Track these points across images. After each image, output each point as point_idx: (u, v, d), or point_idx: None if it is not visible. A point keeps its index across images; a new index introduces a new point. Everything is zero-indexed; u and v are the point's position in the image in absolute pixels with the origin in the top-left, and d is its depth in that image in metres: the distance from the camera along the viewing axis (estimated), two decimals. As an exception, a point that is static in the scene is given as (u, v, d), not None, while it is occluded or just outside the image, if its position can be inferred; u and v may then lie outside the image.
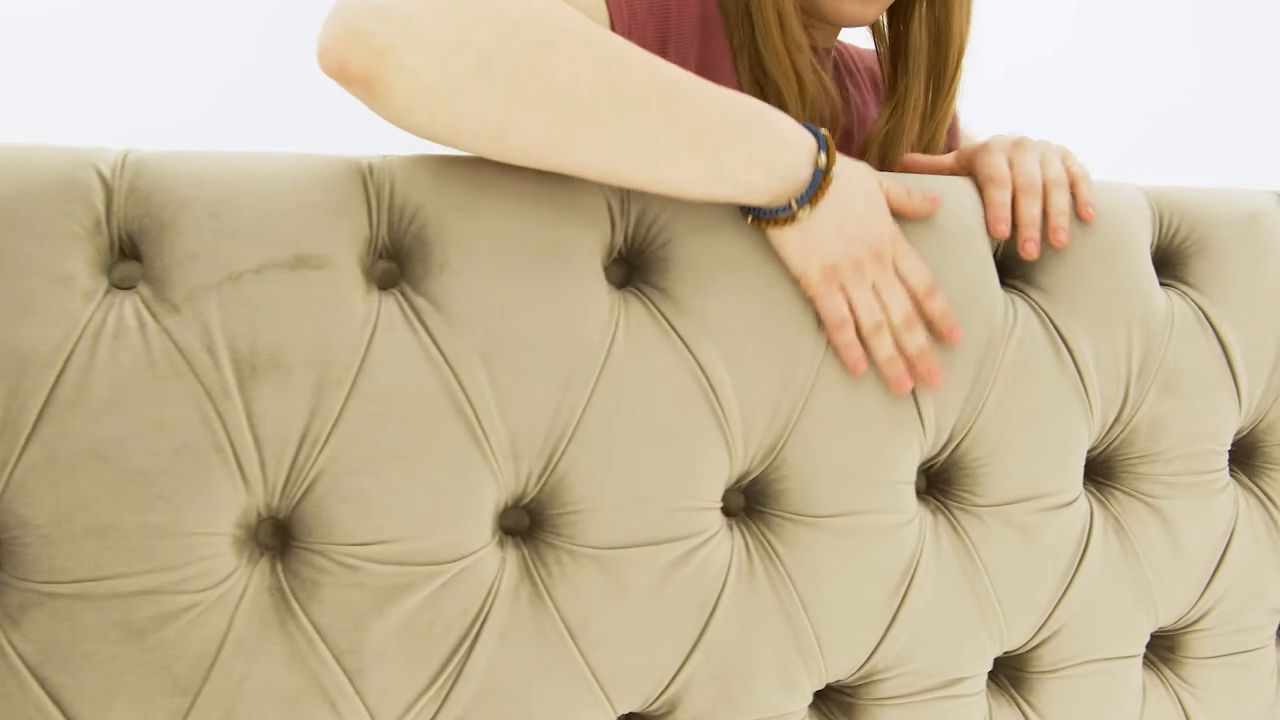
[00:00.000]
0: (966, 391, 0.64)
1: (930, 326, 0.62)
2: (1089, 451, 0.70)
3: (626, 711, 0.60)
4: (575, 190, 0.58)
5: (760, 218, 0.59)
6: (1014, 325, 0.66)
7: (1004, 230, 0.65)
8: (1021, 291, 0.68)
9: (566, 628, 0.57)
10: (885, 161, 0.84)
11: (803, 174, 0.58)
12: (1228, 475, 0.73)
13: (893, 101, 0.83)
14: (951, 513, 0.65)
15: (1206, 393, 0.71)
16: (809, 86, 0.77)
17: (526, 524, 0.58)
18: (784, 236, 0.59)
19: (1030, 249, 0.66)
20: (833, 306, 0.60)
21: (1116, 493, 0.70)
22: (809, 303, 0.61)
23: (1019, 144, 0.71)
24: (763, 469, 0.61)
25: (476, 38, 0.50)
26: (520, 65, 0.51)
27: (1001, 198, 0.66)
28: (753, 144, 0.56)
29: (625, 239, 0.60)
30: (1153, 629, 0.73)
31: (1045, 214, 0.67)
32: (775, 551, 0.61)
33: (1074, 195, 0.68)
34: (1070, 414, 0.67)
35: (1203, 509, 0.71)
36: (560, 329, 0.56)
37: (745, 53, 0.77)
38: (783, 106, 0.76)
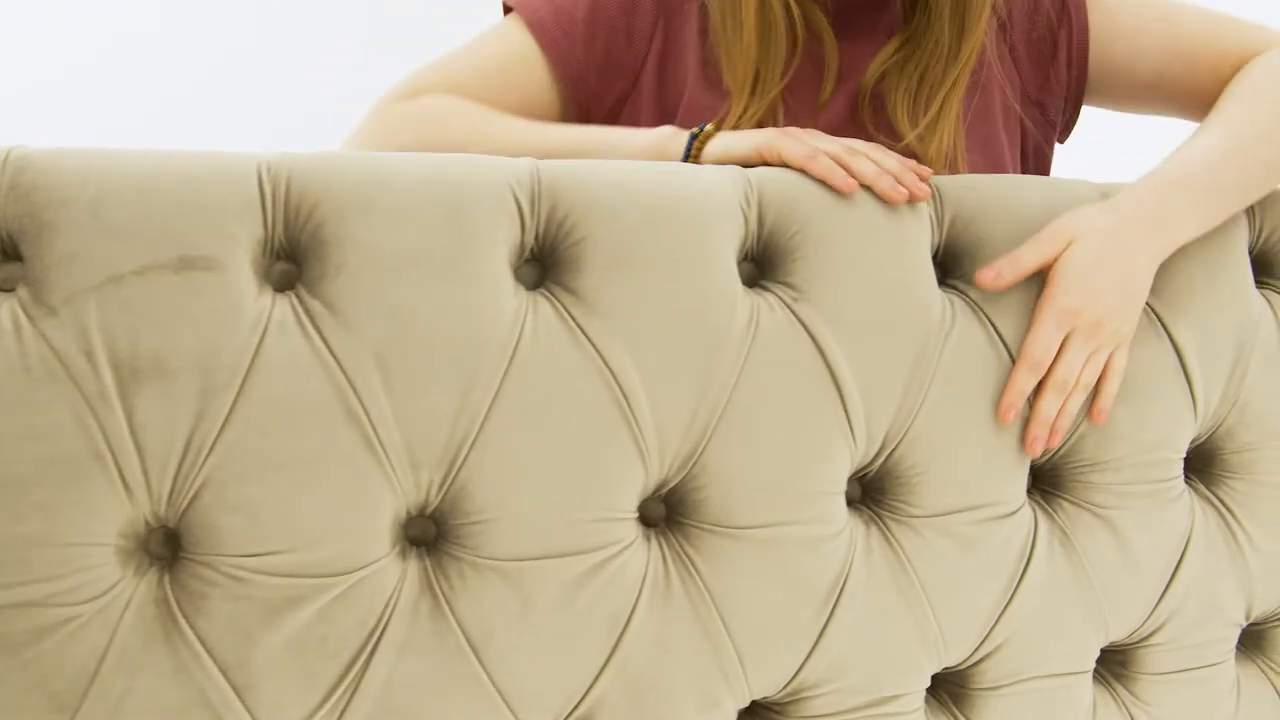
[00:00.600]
0: (900, 396, 0.62)
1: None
2: (1035, 460, 0.67)
3: (534, 729, 0.57)
4: (483, 186, 0.56)
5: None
6: (951, 327, 0.63)
7: (1010, 418, 0.63)
8: (961, 292, 0.65)
9: (469, 643, 0.55)
10: (887, 107, 0.76)
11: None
12: (1183, 484, 0.70)
13: (904, 35, 0.76)
14: (885, 524, 0.63)
15: (1159, 398, 0.68)
16: (775, 25, 0.73)
17: (433, 534, 0.56)
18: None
19: (1034, 448, 0.64)
20: (796, 146, 0.62)
21: (1064, 503, 0.68)
22: (732, 303, 0.58)
23: (1085, 329, 0.63)
24: (680, 478, 0.59)
25: None
26: None
27: (1025, 384, 0.63)
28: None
29: (536, 237, 0.57)
30: (1103, 644, 0.70)
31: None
32: (693, 564, 0.58)
33: (1097, 391, 0.65)
34: (1003, 429, 0.64)
35: (1155, 519, 0.69)
36: (462, 331, 0.54)
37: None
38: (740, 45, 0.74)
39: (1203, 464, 0.73)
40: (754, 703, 0.62)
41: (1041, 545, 0.66)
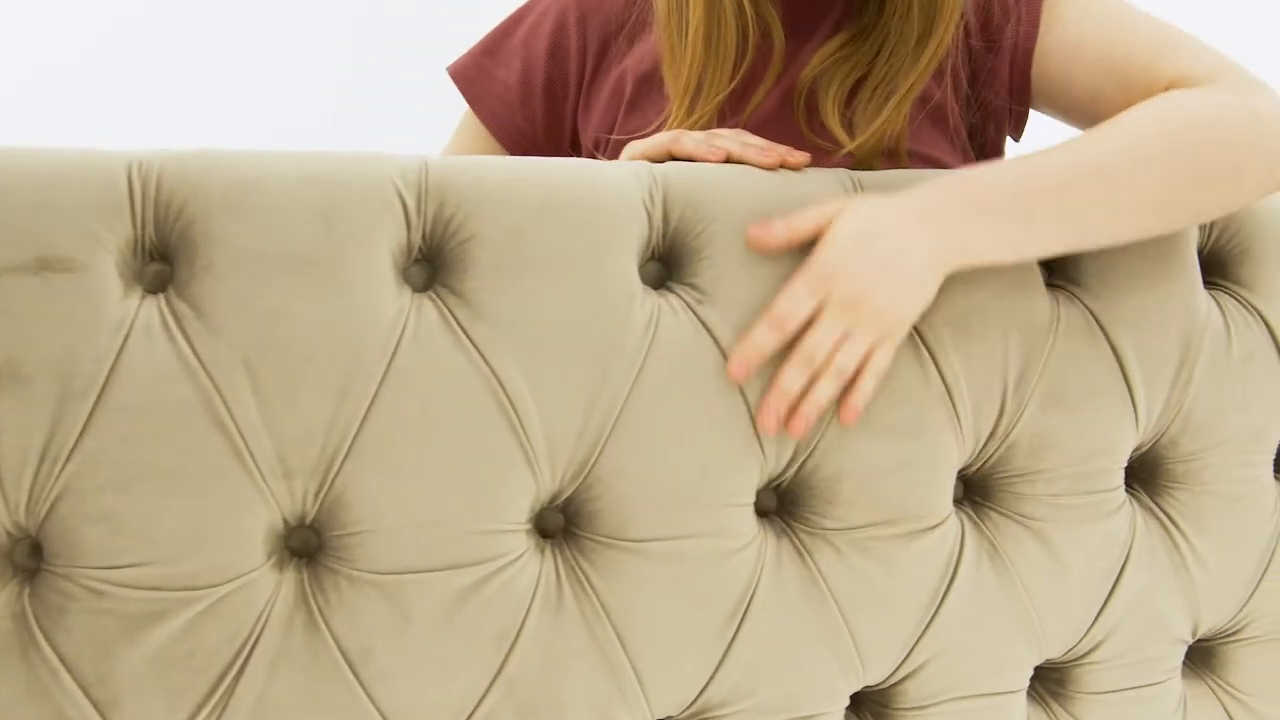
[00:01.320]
0: (811, 404, 0.59)
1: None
2: (963, 469, 0.64)
3: (422, 749, 0.55)
4: (363, 184, 0.53)
5: None
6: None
7: (740, 375, 0.56)
8: (882, 295, 0.62)
9: (346, 659, 0.52)
10: (822, 108, 0.72)
11: None
12: (1124, 495, 0.67)
13: (850, 32, 0.71)
14: (797, 536, 0.60)
15: (1096, 405, 0.65)
16: (725, 26, 0.70)
17: (315, 545, 0.54)
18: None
19: (767, 421, 0.56)
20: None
21: (993, 514, 0.65)
22: (629, 305, 0.56)
23: (842, 301, 0.56)
24: (574, 489, 0.56)
25: None
26: None
27: (762, 339, 0.56)
28: None
29: (423, 237, 0.55)
30: (1037, 662, 0.67)
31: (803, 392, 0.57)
32: (588, 578, 0.56)
33: (850, 385, 0.58)
34: (936, 428, 0.61)
35: (1092, 532, 0.65)
36: (335, 336, 0.52)
37: None
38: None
39: (1146, 474, 0.69)
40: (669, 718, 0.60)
41: (968, 559, 0.63)
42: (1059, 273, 0.67)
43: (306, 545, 0.54)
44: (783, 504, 0.62)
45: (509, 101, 0.79)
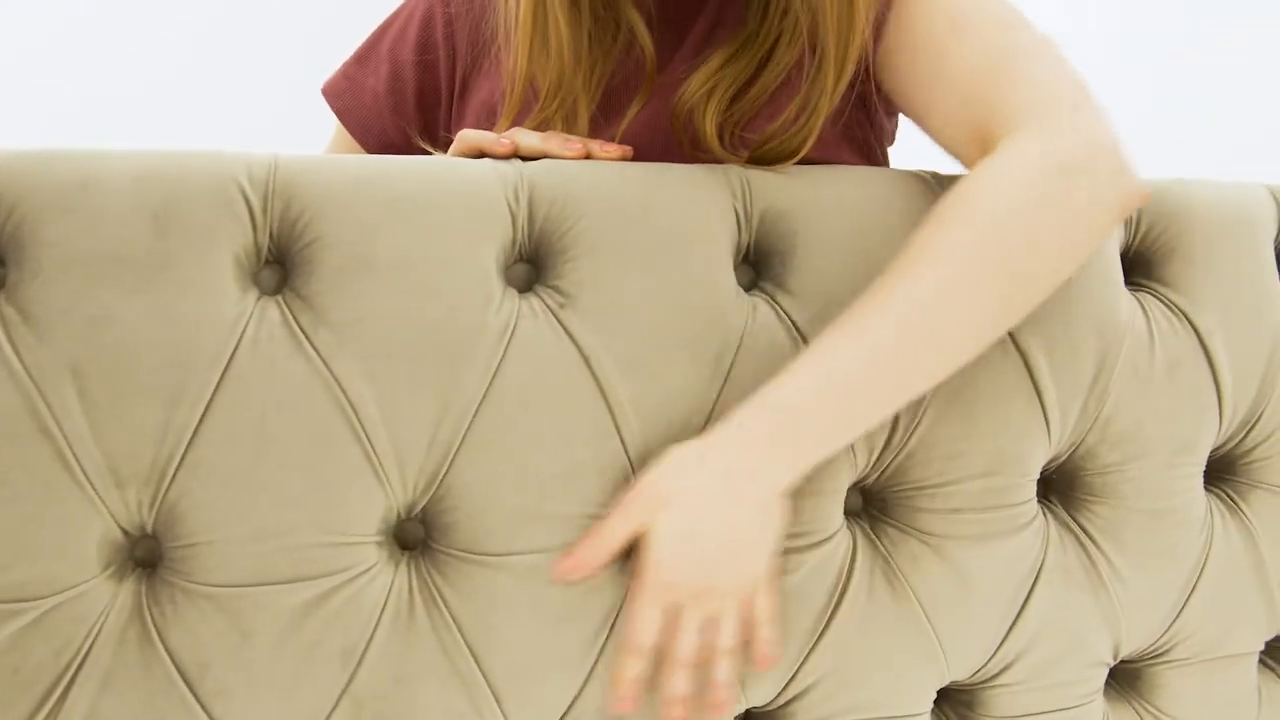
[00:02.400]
0: (686, 411, 0.56)
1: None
2: (858, 481, 0.61)
3: (269, 768, 0.53)
4: (204, 184, 0.52)
5: None
6: (754, 328, 0.57)
7: (628, 708, 0.54)
8: (768, 295, 0.59)
9: (182, 675, 0.51)
10: (706, 121, 0.64)
11: None
12: (1035, 508, 0.64)
13: (735, 44, 0.64)
14: (671, 550, 0.58)
15: (1001, 414, 0.61)
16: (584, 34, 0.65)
17: (157, 557, 0.53)
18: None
19: None
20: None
21: (889, 529, 0.61)
22: (484, 309, 0.54)
23: (693, 599, 0.53)
24: (428, 500, 0.54)
25: None
26: None
27: (632, 670, 0.54)
28: None
29: (271, 238, 0.53)
30: (941, 684, 0.64)
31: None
32: (441, 593, 0.54)
33: (751, 641, 0.56)
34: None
35: (1000, 548, 0.62)
36: (169, 340, 0.50)
37: None
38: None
39: (1064, 486, 0.66)
40: (529, 742, 0.57)
41: (860, 576, 0.60)
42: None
43: (151, 556, 0.53)
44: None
45: (379, 112, 0.76)
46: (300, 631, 0.52)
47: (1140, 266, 0.68)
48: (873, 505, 0.62)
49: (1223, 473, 0.70)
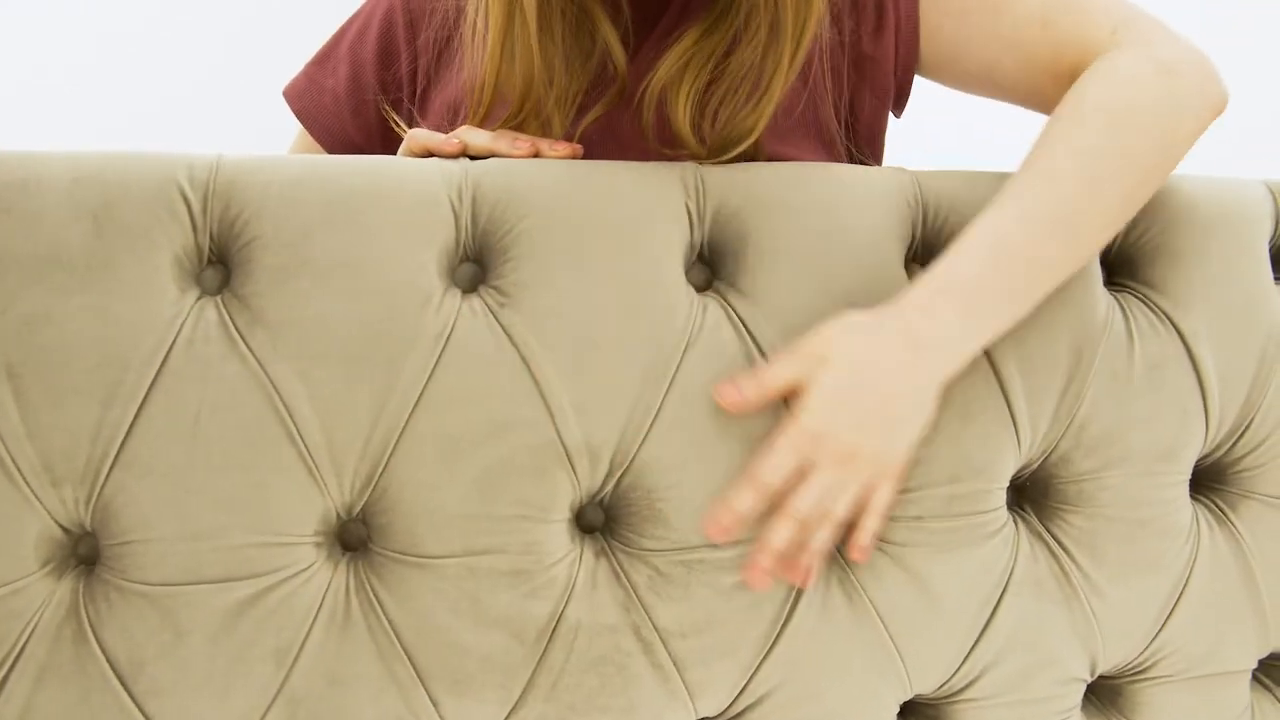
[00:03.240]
0: (626, 414, 0.55)
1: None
2: (815, 486, 0.59)
3: (205, 767, 0.53)
4: (143, 186, 0.52)
5: None
6: (698, 334, 0.56)
7: (721, 539, 0.55)
8: (720, 295, 0.58)
9: (116, 673, 0.51)
10: (675, 112, 0.63)
11: None
12: (1005, 517, 0.61)
13: (701, 27, 0.63)
14: (615, 557, 0.56)
15: (967, 418, 0.59)
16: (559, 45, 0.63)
17: (95, 555, 0.53)
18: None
19: (754, 580, 0.55)
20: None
21: (846, 536, 0.59)
22: (422, 309, 0.53)
23: (833, 459, 0.54)
24: (365, 501, 0.54)
25: None
26: None
27: (741, 502, 0.54)
28: None
29: (211, 239, 0.53)
30: (903, 698, 0.62)
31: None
32: (377, 595, 0.53)
33: (855, 527, 0.56)
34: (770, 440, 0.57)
35: (967, 558, 0.60)
36: (104, 339, 0.50)
37: None
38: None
39: (1037, 495, 0.63)
40: (468, 747, 0.57)
41: (814, 584, 0.58)
42: (924, 264, 0.61)
43: (93, 554, 0.53)
44: (607, 520, 0.58)
45: (339, 114, 0.75)
46: (234, 631, 0.52)
47: (1124, 267, 0.65)
48: (832, 512, 0.61)
49: (1212, 482, 0.67)
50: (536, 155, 0.59)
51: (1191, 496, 0.66)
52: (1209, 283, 0.64)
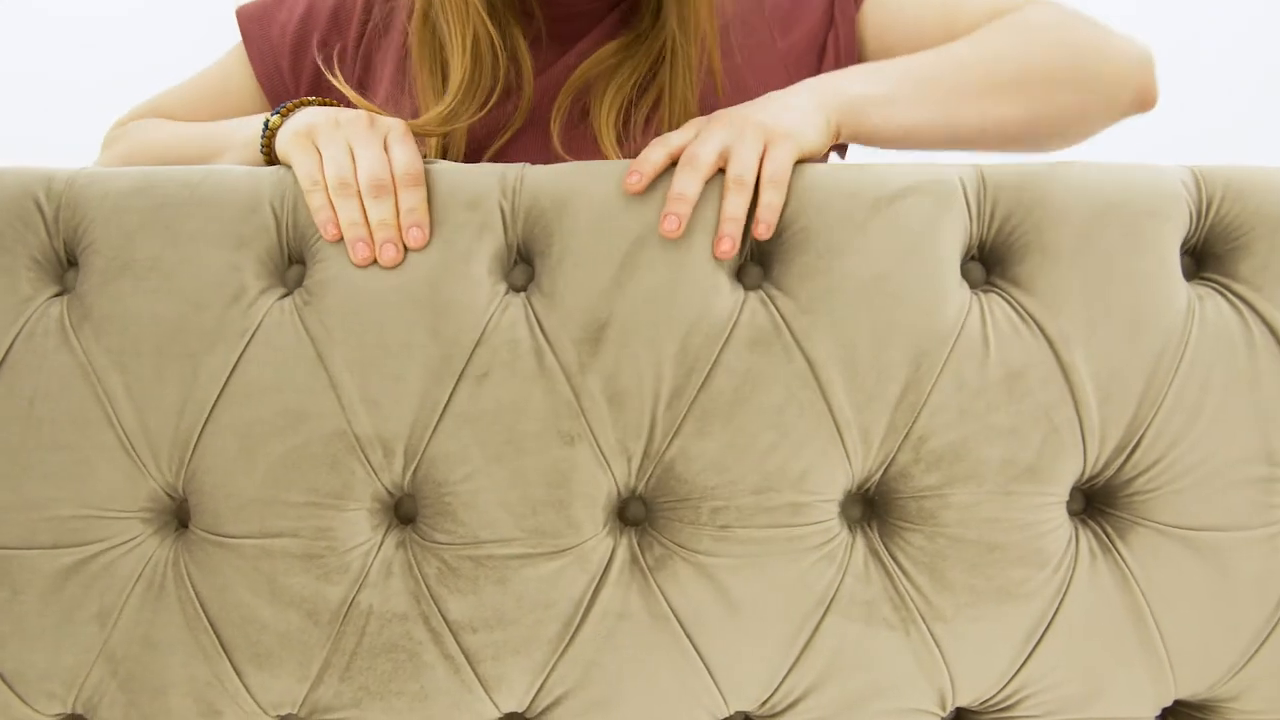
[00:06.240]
0: (415, 408, 0.57)
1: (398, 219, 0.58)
2: (624, 488, 0.58)
3: (48, 712, 0.60)
4: (6, 196, 0.59)
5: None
6: (498, 326, 0.57)
7: (634, 187, 0.57)
8: (526, 294, 0.58)
9: (-30, 622, 0.58)
10: (595, 125, 0.72)
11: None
12: (833, 532, 0.58)
13: (626, 38, 0.73)
14: (411, 548, 0.58)
15: (783, 428, 0.57)
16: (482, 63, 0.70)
17: (-25, 519, 0.61)
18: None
19: (668, 226, 0.56)
20: (303, 165, 0.58)
21: (654, 543, 0.58)
22: (231, 305, 0.57)
23: (727, 121, 0.60)
24: (180, 483, 0.58)
25: None
26: None
27: (653, 153, 0.58)
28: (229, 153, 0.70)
29: (64, 244, 0.60)
30: (721, 712, 0.59)
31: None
32: (188, 569, 0.58)
33: (755, 200, 0.58)
34: (567, 446, 0.57)
35: (779, 571, 0.57)
36: (-39, 333, 0.58)
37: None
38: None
39: (881, 510, 0.59)
40: (279, 716, 0.60)
41: (612, 589, 0.57)
42: (754, 271, 0.59)
43: (-26, 518, 0.61)
44: (398, 511, 0.59)
45: (279, 48, 0.79)
46: (62, 592, 0.58)
47: (990, 262, 0.60)
48: (637, 516, 0.59)
49: (1102, 505, 0.59)
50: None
51: (1079, 521, 0.59)
52: (1089, 283, 0.57)
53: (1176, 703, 0.61)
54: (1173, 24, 1.99)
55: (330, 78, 0.72)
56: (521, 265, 0.60)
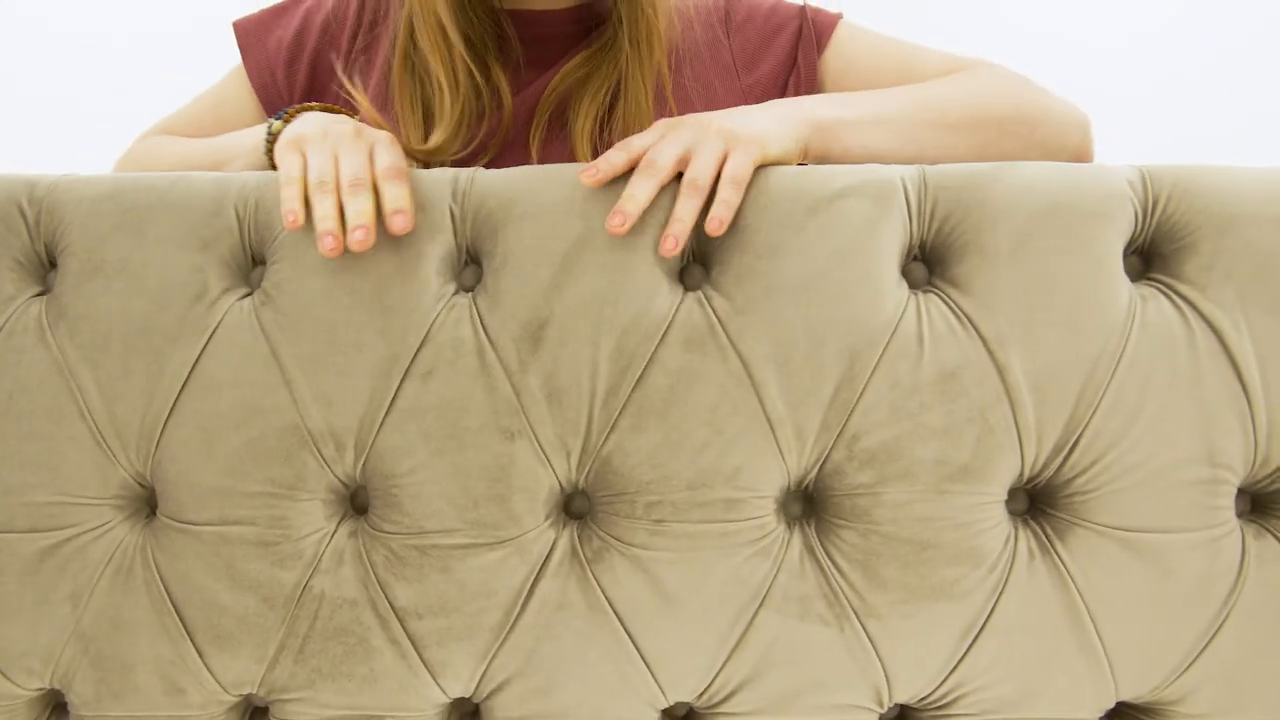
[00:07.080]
0: (364, 404, 0.59)
1: (379, 208, 0.60)
2: (560, 488, 0.60)
3: (28, 686, 0.64)
4: (-7, 203, 0.63)
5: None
6: (443, 325, 0.59)
7: (591, 182, 0.58)
8: (472, 296, 0.61)
9: (-42, 600, 0.63)
10: (572, 136, 0.76)
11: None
12: (772, 526, 0.59)
13: (587, 53, 0.77)
14: (362, 536, 0.61)
15: (716, 425, 0.58)
16: (460, 84, 0.75)
17: (-33, 504, 0.65)
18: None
19: (615, 225, 0.57)
20: (286, 165, 0.61)
21: (593, 536, 0.60)
22: (194, 305, 0.60)
23: (685, 125, 0.62)
24: (148, 472, 0.62)
25: None
26: None
27: (614, 156, 0.59)
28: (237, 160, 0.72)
29: (45, 247, 0.64)
30: (660, 703, 0.61)
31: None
32: (154, 554, 0.61)
33: (712, 199, 0.60)
34: (507, 442, 0.59)
35: (713, 566, 0.58)
36: (-51, 330, 0.62)
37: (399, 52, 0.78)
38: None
39: (818, 507, 0.60)
40: (246, 696, 0.63)
41: (552, 579, 0.59)
42: (697, 271, 0.60)
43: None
44: (354, 502, 0.62)
45: (274, 63, 0.83)
46: (39, 574, 0.61)
47: (931, 262, 0.60)
48: (581, 510, 0.61)
49: (1043, 505, 0.59)
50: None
51: (1021, 521, 0.59)
52: (1026, 283, 0.57)
53: (1119, 704, 0.61)
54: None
55: (348, 85, 0.76)
56: (472, 266, 0.62)
